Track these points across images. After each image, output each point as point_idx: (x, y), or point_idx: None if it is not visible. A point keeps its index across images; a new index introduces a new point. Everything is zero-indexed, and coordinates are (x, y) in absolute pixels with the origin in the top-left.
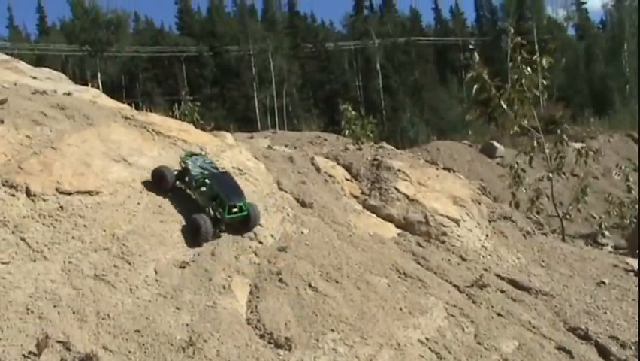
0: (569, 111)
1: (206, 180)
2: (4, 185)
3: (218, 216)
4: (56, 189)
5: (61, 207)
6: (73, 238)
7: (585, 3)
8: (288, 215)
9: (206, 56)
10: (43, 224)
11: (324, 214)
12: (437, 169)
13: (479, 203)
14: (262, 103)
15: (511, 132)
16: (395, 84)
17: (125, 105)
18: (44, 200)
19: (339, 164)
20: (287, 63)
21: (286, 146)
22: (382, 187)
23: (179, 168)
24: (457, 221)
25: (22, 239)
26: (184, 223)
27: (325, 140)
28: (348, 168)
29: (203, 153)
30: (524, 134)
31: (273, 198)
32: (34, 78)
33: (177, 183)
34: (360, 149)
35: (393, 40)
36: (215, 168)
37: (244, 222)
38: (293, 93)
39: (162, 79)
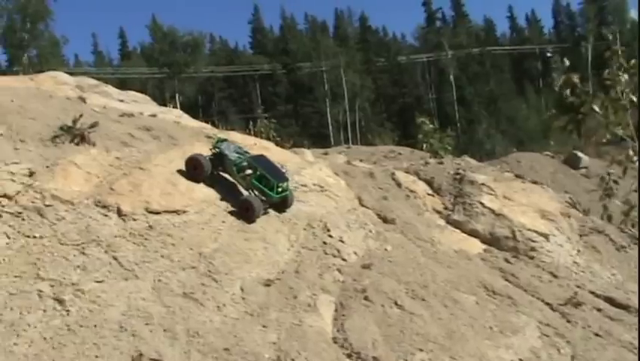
0: None
1: (250, 163)
2: (97, 205)
3: (265, 196)
4: (145, 209)
5: (151, 226)
6: (162, 256)
7: None
8: (370, 232)
9: (280, 74)
10: (134, 243)
11: (407, 230)
12: (523, 182)
13: (569, 217)
14: (335, 119)
15: (604, 140)
16: (470, 96)
17: (206, 125)
18: (134, 219)
19: (420, 178)
20: (359, 78)
21: (361, 160)
22: (466, 202)
23: (211, 155)
24: (546, 236)
25: (115, 258)
26: (268, 241)
27: (400, 154)
28: (429, 183)
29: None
30: (614, 143)
31: (354, 215)
32: (122, 101)
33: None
34: (441, 163)
35: (467, 51)
36: (247, 151)
37: (284, 202)
38: (365, 108)
39: (237, 97)
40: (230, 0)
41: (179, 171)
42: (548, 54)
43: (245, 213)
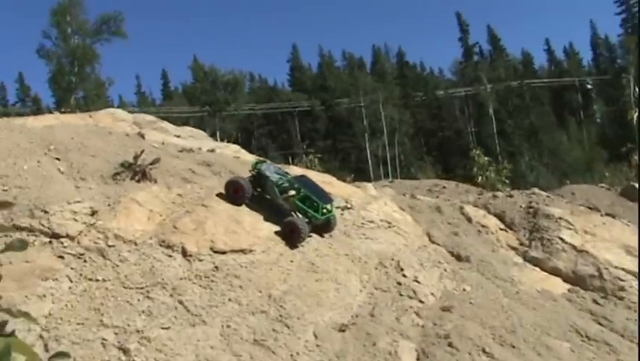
0: None
1: (293, 184)
2: (161, 245)
3: (310, 217)
4: (211, 248)
5: (217, 267)
6: (230, 300)
7: None
8: (445, 270)
9: (318, 110)
10: (200, 286)
11: (484, 269)
12: (602, 215)
13: None
14: (374, 153)
15: None
16: (510, 128)
17: (264, 159)
18: (200, 260)
19: (490, 213)
20: (398, 113)
21: (404, 194)
22: (544, 237)
23: (250, 177)
24: (634, 274)
25: (181, 302)
26: (339, 282)
27: (444, 187)
28: (500, 217)
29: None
30: None
31: (425, 252)
32: (178, 137)
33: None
34: (510, 196)
35: (505, 85)
36: (287, 172)
37: (328, 224)
38: (404, 142)
39: (276, 134)
40: (268, 39)
41: (243, 207)
42: (588, 86)
43: (290, 235)
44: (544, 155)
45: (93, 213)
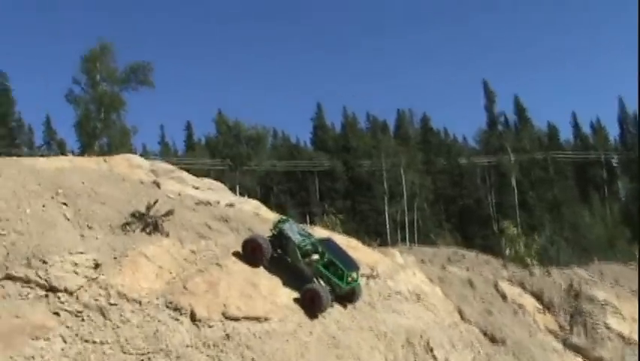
0: None
1: (318, 248)
2: (167, 307)
3: (334, 285)
4: (223, 314)
5: (228, 335)
6: None
7: None
8: (479, 353)
9: (339, 170)
10: (208, 356)
11: (521, 354)
12: None
13: None
14: (392, 217)
15: None
16: (532, 200)
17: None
18: (210, 326)
19: (525, 291)
20: (419, 178)
21: (422, 261)
22: (587, 322)
23: (271, 236)
24: None
25: None
26: (361, 358)
27: (464, 256)
28: (538, 297)
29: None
30: None
31: (457, 331)
32: (197, 188)
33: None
34: (549, 273)
35: (529, 156)
36: (310, 233)
37: (352, 294)
38: (424, 208)
39: (295, 191)
40: (293, 97)
41: (260, 269)
42: (614, 162)
43: (310, 304)
44: (566, 229)
45: (96, 266)
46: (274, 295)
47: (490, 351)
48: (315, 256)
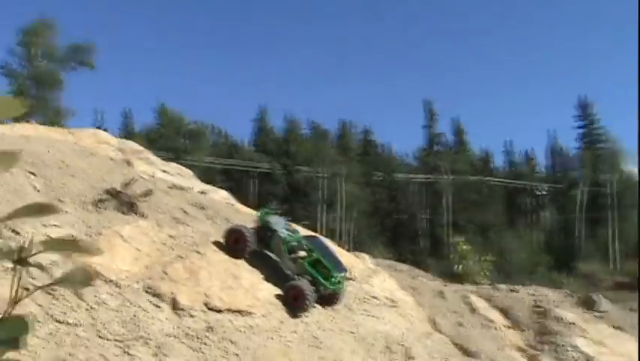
0: None
1: (305, 245)
2: (147, 292)
3: (319, 285)
4: (205, 304)
5: (211, 327)
6: None
7: None
8: None
9: (279, 174)
10: (191, 348)
11: None
12: (609, 326)
13: None
14: (328, 226)
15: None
16: (463, 221)
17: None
18: (192, 316)
19: (492, 306)
20: (357, 189)
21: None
22: (556, 343)
23: (255, 228)
24: None
25: None
26: None
27: (396, 270)
28: (505, 313)
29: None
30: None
31: (430, 340)
32: (165, 172)
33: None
34: (515, 291)
35: (464, 178)
36: (296, 229)
37: (335, 296)
38: (360, 219)
39: (233, 191)
40: (237, 96)
41: (241, 261)
42: (544, 192)
43: (293, 301)
44: (492, 253)
45: None
46: (256, 289)
47: None
48: (302, 253)
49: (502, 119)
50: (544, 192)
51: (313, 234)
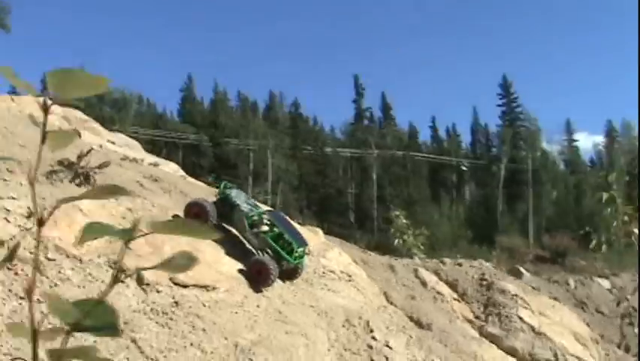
0: (575, 243)
1: (267, 220)
2: (111, 267)
3: (282, 259)
4: (170, 279)
5: (177, 302)
6: (192, 344)
7: (577, 141)
8: (411, 337)
9: (206, 146)
10: (157, 323)
11: (447, 341)
12: (549, 298)
13: (597, 343)
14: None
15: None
16: (389, 196)
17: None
18: (158, 291)
19: (441, 279)
20: (285, 162)
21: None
22: (501, 313)
23: (215, 200)
24: None
25: (134, 341)
26: (308, 337)
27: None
28: (452, 286)
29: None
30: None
31: (387, 314)
32: (113, 143)
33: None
34: (460, 265)
35: (391, 153)
36: (257, 204)
37: (296, 270)
38: (287, 192)
39: None
40: (164, 65)
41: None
42: (463, 168)
43: (257, 276)
44: (417, 226)
45: (29, 215)
46: (219, 263)
47: (420, 336)
48: (264, 228)
49: (428, 95)
50: (465, 168)
51: (275, 210)
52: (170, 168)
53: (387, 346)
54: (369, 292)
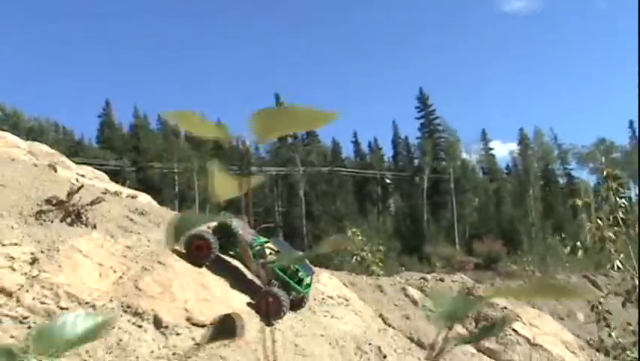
0: (505, 249)
1: (272, 249)
2: (126, 312)
3: (292, 290)
4: (187, 320)
5: (198, 344)
6: None
7: (493, 149)
8: (419, 359)
9: (128, 171)
10: None
11: (453, 359)
12: (532, 308)
13: (583, 349)
14: None
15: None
16: (318, 212)
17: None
18: (177, 334)
19: (427, 296)
20: None
21: None
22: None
23: (215, 232)
24: None
25: None
26: None
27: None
28: None
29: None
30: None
31: (389, 337)
32: (83, 176)
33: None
34: (442, 280)
35: (317, 169)
36: (255, 232)
37: (303, 299)
38: (215, 214)
39: None
40: (80, 92)
41: (203, 269)
42: (388, 181)
43: (268, 309)
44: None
45: (33, 261)
46: (228, 298)
47: (423, 356)
48: (272, 257)
49: (350, 110)
50: (389, 181)
51: (275, 237)
52: (145, 198)
53: None
54: (367, 316)
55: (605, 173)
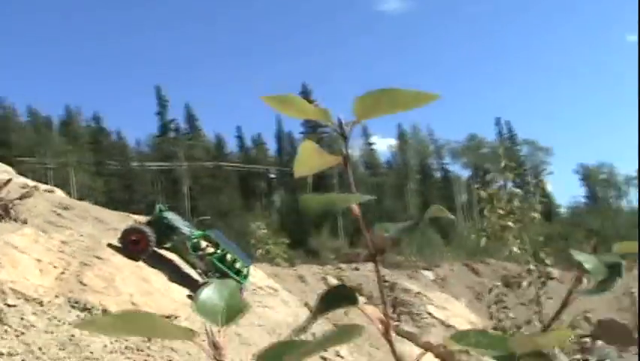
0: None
1: (211, 240)
2: (74, 307)
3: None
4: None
5: (150, 337)
6: None
7: (374, 144)
8: (350, 345)
9: None
10: None
11: (378, 344)
12: (442, 292)
13: (487, 330)
14: None
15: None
16: (203, 207)
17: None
18: None
19: (346, 284)
20: (89, 179)
21: None
22: (412, 311)
23: (150, 224)
24: None
25: None
26: None
27: None
28: (358, 290)
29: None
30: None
31: (317, 325)
32: None
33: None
34: (357, 268)
35: (201, 164)
36: (189, 223)
37: (240, 290)
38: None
39: None
40: None
41: (140, 263)
42: (271, 176)
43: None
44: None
45: None
46: (170, 290)
47: (356, 342)
48: (210, 249)
49: (233, 105)
50: (273, 176)
51: (214, 228)
52: (60, 193)
53: (339, 355)
54: (294, 305)
55: (503, 165)
